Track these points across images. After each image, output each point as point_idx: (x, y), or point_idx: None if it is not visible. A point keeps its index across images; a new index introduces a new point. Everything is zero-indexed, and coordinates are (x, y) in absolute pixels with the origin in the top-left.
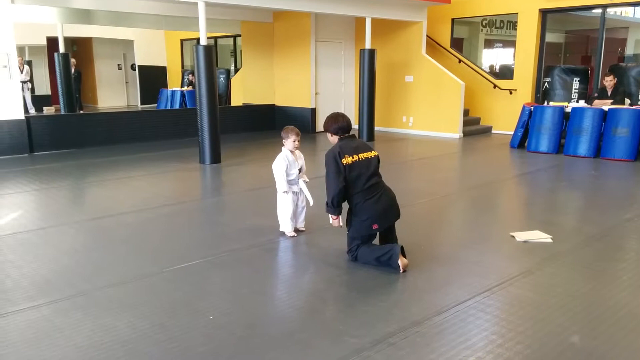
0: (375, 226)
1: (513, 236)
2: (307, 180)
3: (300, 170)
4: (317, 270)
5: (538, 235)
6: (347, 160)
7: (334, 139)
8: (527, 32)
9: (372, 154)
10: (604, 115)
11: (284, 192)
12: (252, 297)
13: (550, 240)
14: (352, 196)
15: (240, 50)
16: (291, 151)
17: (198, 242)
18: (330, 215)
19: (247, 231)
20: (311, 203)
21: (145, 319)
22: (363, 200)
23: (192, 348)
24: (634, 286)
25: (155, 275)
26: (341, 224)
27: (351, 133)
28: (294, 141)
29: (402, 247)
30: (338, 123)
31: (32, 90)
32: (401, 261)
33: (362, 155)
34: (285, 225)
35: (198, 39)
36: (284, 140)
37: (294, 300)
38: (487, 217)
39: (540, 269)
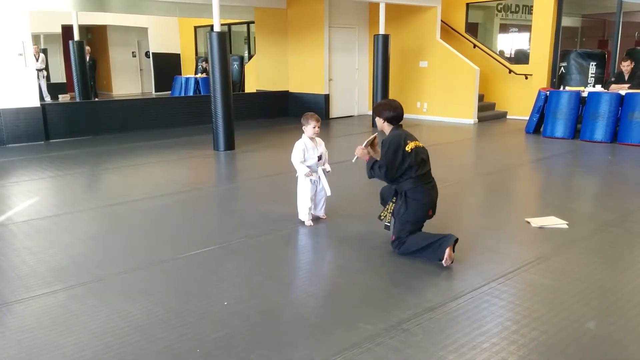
0: (430, 212)
1: (528, 222)
2: (329, 170)
3: (320, 157)
4: (331, 257)
5: (554, 221)
6: (411, 145)
7: (384, 126)
8: (543, 16)
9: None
10: (621, 100)
11: (305, 175)
12: (266, 284)
13: (566, 226)
14: (413, 178)
15: (254, 37)
16: (311, 138)
17: (212, 229)
18: (359, 154)
19: (262, 218)
20: (328, 193)
21: (160, 304)
22: (423, 183)
23: (206, 334)
24: None
25: (170, 262)
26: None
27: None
28: (314, 127)
29: (456, 240)
30: (396, 111)
31: (48, 78)
32: (448, 252)
33: (419, 143)
34: (304, 214)
35: (212, 26)
36: (303, 127)
37: (308, 287)
38: (503, 203)
39: (556, 255)
